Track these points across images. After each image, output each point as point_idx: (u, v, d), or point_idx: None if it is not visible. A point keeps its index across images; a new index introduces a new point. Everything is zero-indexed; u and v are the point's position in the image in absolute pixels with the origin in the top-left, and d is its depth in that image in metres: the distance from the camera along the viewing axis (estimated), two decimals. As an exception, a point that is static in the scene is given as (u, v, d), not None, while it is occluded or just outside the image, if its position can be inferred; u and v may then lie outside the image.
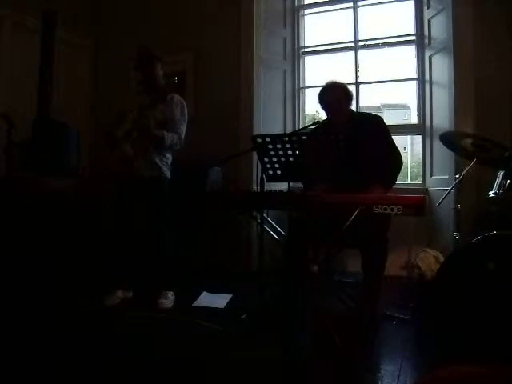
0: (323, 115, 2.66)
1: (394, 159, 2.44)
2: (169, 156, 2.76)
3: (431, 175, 3.40)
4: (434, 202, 2.96)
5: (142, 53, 2.69)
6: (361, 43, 3.73)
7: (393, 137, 2.53)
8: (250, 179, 3.37)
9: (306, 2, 4.00)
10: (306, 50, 3.98)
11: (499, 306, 1.67)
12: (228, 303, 2.66)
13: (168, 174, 2.75)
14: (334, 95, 2.46)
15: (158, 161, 2.67)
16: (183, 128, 2.73)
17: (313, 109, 4.32)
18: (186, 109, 2.76)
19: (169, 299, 2.65)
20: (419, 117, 3.53)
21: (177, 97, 2.75)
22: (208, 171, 3.11)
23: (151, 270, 2.78)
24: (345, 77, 3.68)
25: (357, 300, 2.44)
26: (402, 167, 2.52)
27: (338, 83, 2.53)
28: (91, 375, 1.71)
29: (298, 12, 3.95)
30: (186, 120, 2.76)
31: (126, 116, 2.65)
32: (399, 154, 2.49)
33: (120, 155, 2.63)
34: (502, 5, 2.92)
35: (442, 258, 2.48)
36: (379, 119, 2.55)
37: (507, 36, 2.92)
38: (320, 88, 2.56)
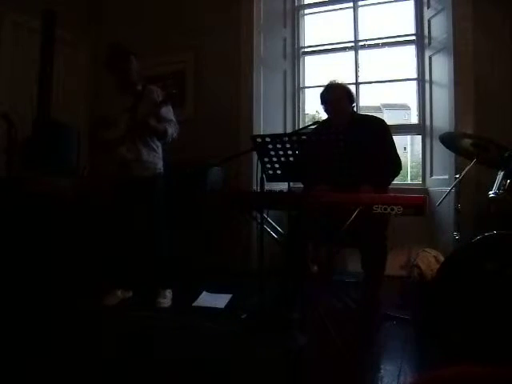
0: (323, 115, 2.67)
1: (391, 162, 2.43)
2: (159, 149, 2.73)
3: (431, 175, 3.40)
4: (434, 201, 2.96)
5: (115, 50, 2.66)
6: (361, 43, 3.74)
7: (393, 137, 2.52)
8: (250, 179, 3.37)
9: (305, 2, 4.00)
10: (305, 49, 3.98)
11: (499, 305, 1.67)
12: (228, 303, 2.66)
13: (161, 168, 2.73)
14: (337, 94, 2.47)
15: (150, 158, 2.66)
16: (170, 113, 2.69)
17: (313, 109, 4.32)
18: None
19: (167, 298, 2.65)
20: (419, 117, 3.53)
21: (150, 87, 2.71)
22: (208, 171, 3.11)
23: (149, 269, 2.78)
24: (345, 77, 3.69)
25: (357, 300, 2.44)
26: (402, 167, 2.51)
27: (341, 84, 2.54)
28: (91, 375, 1.71)
29: (298, 12, 3.96)
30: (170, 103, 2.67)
31: (112, 121, 2.61)
32: (398, 157, 2.48)
33: (116, 158, 2.62)
34: (501, 5, 2.92)
35: (442, 258, 2.48)
36: (380, 121, 2.55)
37: (507, 36, 2.92)
38: (322, 88, 2.57)
